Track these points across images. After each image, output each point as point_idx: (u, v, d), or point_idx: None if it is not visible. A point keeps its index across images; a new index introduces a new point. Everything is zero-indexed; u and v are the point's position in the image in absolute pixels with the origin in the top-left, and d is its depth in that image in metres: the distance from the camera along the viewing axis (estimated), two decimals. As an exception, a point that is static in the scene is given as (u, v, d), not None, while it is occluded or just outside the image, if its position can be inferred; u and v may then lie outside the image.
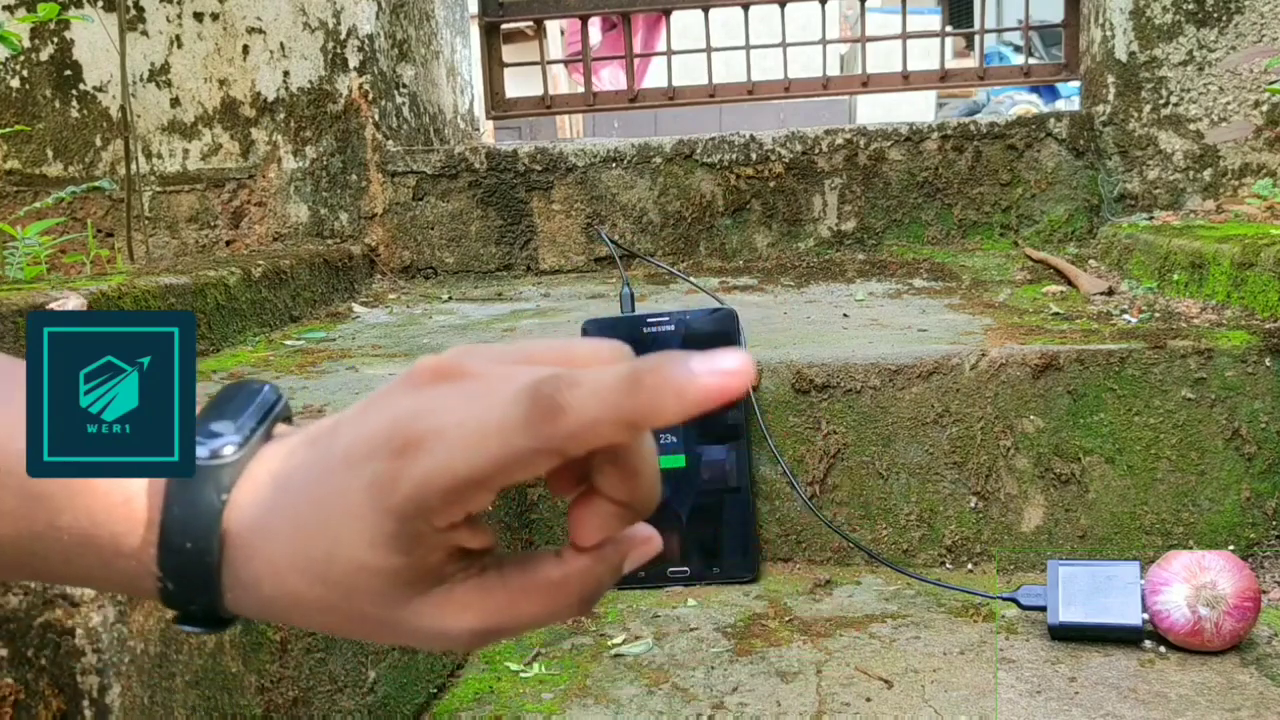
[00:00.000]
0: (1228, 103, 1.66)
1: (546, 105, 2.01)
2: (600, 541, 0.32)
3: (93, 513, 0.32)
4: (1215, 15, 1.65)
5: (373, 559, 0.30)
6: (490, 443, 0.28)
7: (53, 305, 1.04)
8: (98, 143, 1.83)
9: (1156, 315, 1.30)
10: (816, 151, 1.73)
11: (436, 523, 0.30)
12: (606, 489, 0.31)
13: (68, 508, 0.32)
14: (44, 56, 1.83)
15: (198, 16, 1.78)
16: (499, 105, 2.01)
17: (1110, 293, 1.46)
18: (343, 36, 1.76)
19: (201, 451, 0.32)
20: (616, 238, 1.77)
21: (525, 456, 0.28)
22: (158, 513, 0.32)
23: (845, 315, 1.42)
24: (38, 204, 1.58)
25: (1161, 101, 1.68)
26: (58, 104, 1.84)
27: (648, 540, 0.34)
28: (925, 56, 2.14)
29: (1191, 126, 1.68)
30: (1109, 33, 1.71)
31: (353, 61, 1.76)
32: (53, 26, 1.80)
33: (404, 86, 1.83)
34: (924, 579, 1.11)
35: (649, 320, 1.20)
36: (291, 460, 0.32)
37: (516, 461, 0.29)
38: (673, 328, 1.19)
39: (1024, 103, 5.72)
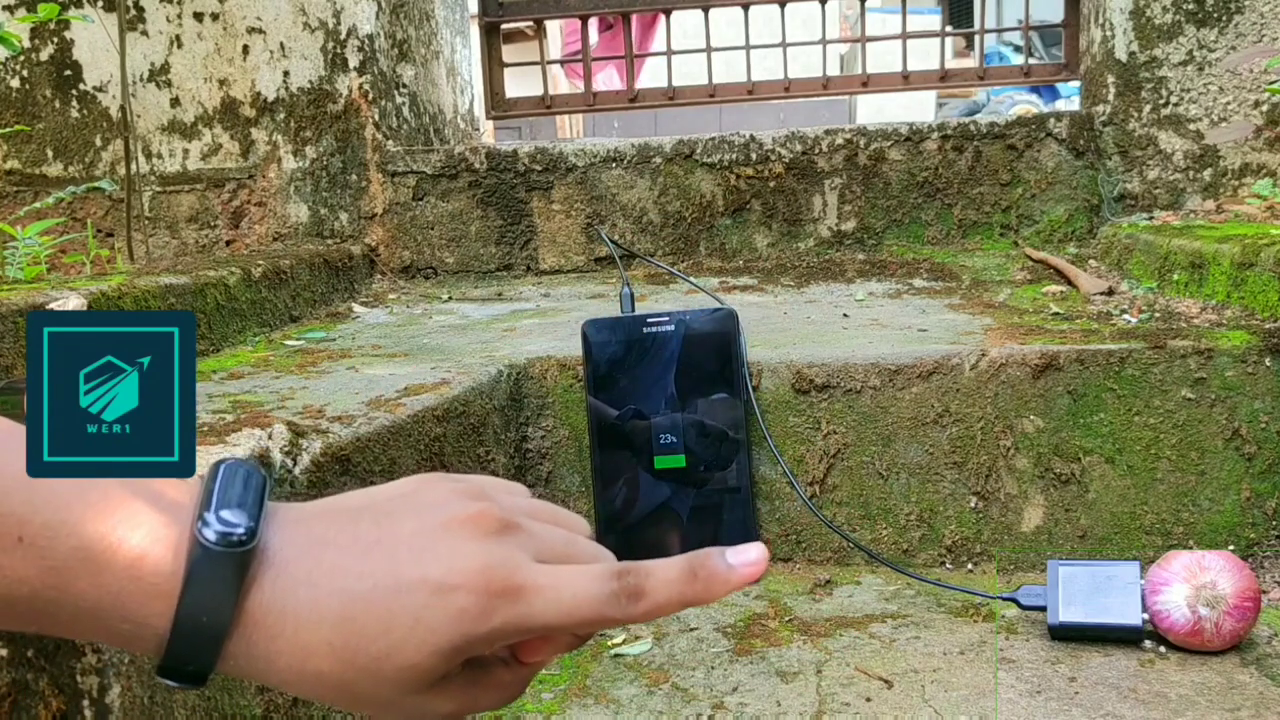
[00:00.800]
0: (1228, 103, 1.66)
1: (546, 105, 2.01)
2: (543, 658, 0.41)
3: (110, 586, 0.34)
4: (1215, 15, 1.65)
5: (428, 664, 0.36)
6: (583, 608, 0.37)
7: (52, 305, 1.04)
8: (98, 143, 1.83)
9: (1156, 315, 1.30)
10: (816, 151, 1.73)
11: (492, 647, 0.38)
12: (579, 629, 0.39)
13: (86, 580, 0.34)
14: (44, 56, 1.83)
15: (198, 16, 1.78)
16: (499, 105, 2.01)
17: (1110, 293, 1.46)
18: (343, 36, 1.76)
19: (217, 537, 0.35)
20: (616, 238, 1.77)
21: (603, 622, 0.38)
22: (177, 590, 0.34)
23: (845, 315, 1.42)
24: (38, 204, 1.58)
25: (1161, 101, 1.68)
26: (58, 104, 1.83)
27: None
28: (925, 56, 2.14)
29: (1191, 126, 1.68)
30: (1109, 33, 1.71)
31: (353, 61, 1.76)
32: (53, 26, 1.80)
33: (404, 86, 1.83)
34: (924, 579, 1.11)
35: (649, 320, 1.20)
36: (337, 563, 0.36)
37: (595, 623, 0.38)
38: (673, 328, 1.19)
39: (1024, 102, 5.72)
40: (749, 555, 0.39)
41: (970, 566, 1.15)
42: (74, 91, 1.83)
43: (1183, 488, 1.12)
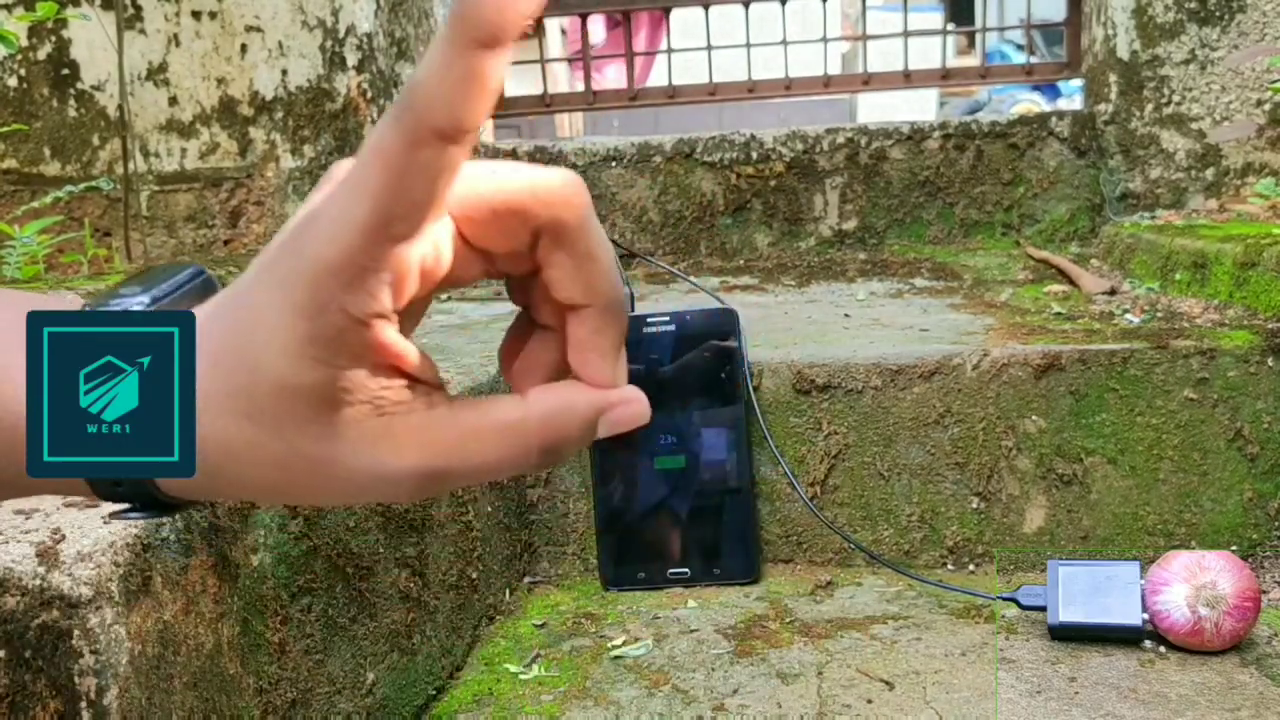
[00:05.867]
0: (1230, 101, 1.66)
1: (546, 104, 2.00)
2: (570, 379, 0.31)
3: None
4: (1217, 14, 1.65)
5: (293, 373, 0.28)
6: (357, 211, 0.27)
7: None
8: (95, 142, 1.83)
9: (1159, 315, 1.30)
10: (817, 150, 1.73)
11: (349, 310, 0.27)
12: (562, 289, 0.30)
13: None
14: (41, 55, 1.83)
15: (195, 15, 1.77)
16: (498, 104, 2.01)
17: (1112, 292, 1.45)
18: (341, 35, 1.75)
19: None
20: (616, 237, 1.76)
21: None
22: None
23: (846, 315, 1.42)
24: (35, 203, 1.58)
25: (1164, 100, 1.68)
26: (55, 103, 1.83)
27: (629, 401, 0.31)
28: (927, 55, 2.13)
29: (1194, 125, 1.67)
30: (1111, 31, 1.71)
31: (351, 60, 1.75)
32: (50, 25, 1.79)
33: (403, 85, 1.83)
34: (925, 580, 1.11)
35: (649, 320, 1.20)
36: (206, 309, 0.30)
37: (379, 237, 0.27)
38: (673, 327, 1.19)
39: (1025, 100, 5.71)
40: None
41: (972, 568, 1.15)
42: (71, 90, 1.83)
43: (1185, 488, 1.12)
